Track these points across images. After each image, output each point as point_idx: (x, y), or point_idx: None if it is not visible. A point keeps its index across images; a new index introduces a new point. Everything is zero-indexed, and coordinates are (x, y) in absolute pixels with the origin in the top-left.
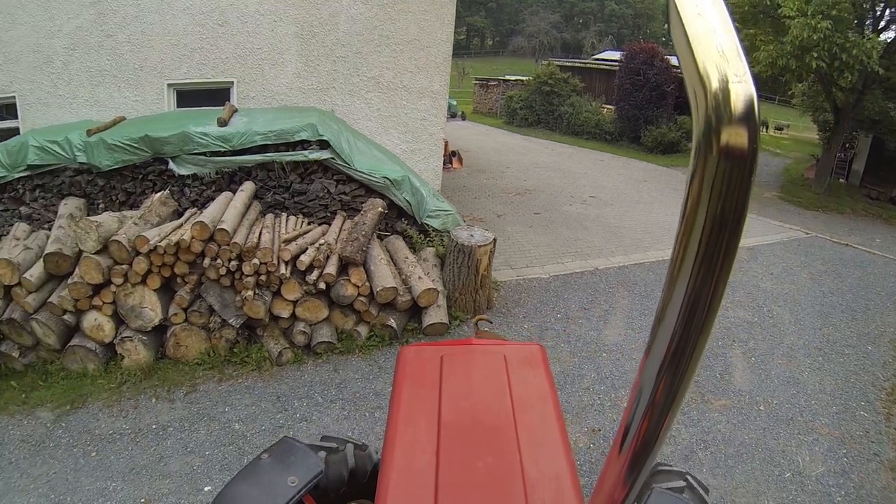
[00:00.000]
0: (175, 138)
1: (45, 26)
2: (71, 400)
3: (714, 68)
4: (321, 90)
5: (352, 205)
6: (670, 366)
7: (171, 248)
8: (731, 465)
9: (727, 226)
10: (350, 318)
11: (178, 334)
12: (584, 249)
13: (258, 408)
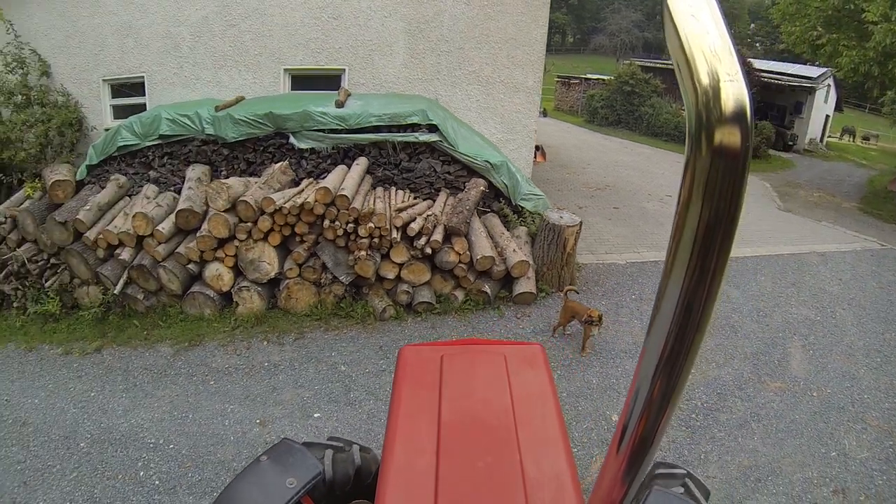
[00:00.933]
0: (297, 116)
1: (174, 16)
2: (189, 338)
3: (707, 68)
4: (426, 80)
5: (454, 183)
6: (666, 365)
7: (295, 209)
8: (780, 438)
9: (721, 225)
10: (449, 283)
11: (291, 287)
12: (659, 242)
13: (362, 354)
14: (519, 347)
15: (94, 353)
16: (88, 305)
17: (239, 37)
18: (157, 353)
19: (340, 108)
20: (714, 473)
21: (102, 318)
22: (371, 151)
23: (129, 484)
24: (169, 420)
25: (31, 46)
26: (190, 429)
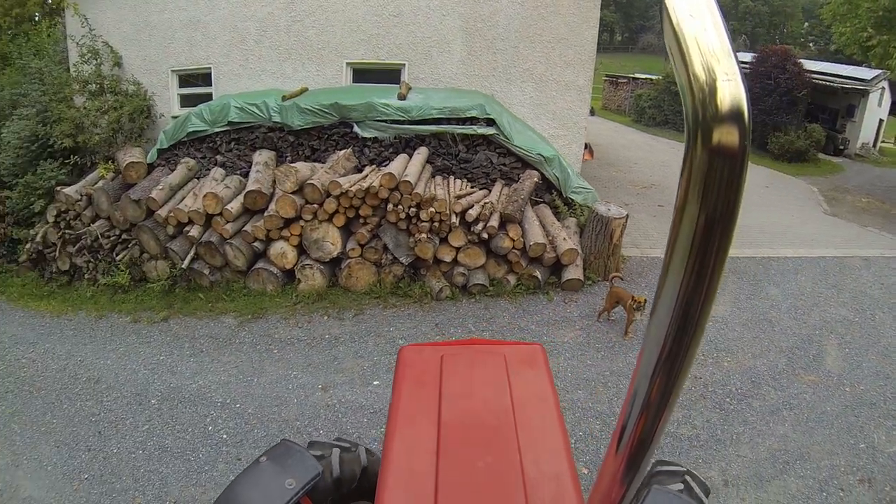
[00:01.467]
0: (361, 107)
1: (241, 11)
2: (252, 311)
3: (705, 68)
4: (482, 77)
5: (509, 175)
6: (664, 366)
7: (361, 192)
8: (811, 427)
9: (719, 224)
10: (502, 268)
11: (352, 266)
12: None
13: (419, 330)
14: (519, 347)
15: (162, 322)
16: (156, 279)
17: (303, 32)
18: (221, 323)
19: (402, 100)
20: (745, 453)
21: (169, 291)
22: (431, 142)
23: (198, 437)
24: (235, 383)
25: (104, 39)
26: (255, 391)
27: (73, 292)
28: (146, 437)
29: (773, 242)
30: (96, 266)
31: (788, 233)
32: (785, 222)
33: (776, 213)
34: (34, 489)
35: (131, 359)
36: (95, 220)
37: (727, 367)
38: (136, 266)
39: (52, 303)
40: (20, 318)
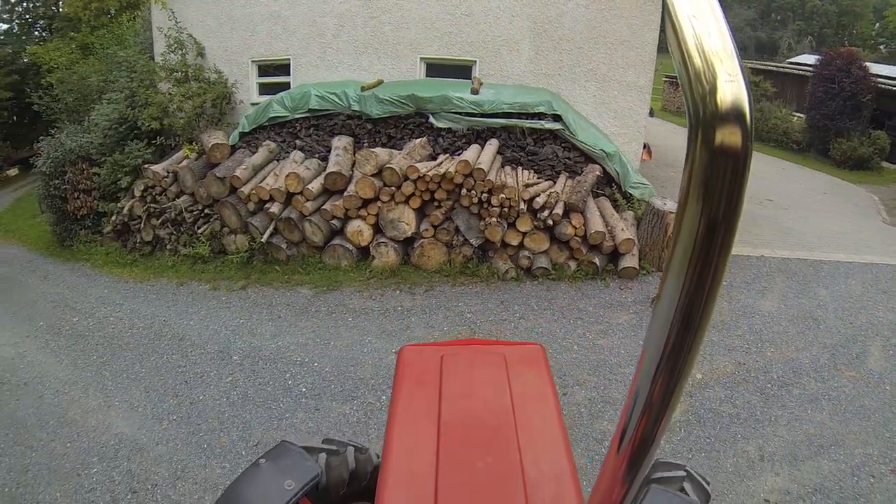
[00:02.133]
0: (437, 99)
1: (320, 7)
2: (327, 284)
3: (707, 68)
4: (548, 75)
5: (573, 168)
6: (667, 365)
7: (437, 177)
8: (847, 417)
9: (722, 225)
10: (564, 253)
11: (425, 246)
12: (753, 240)
13: (485, 306)
14: (519, 347)
15: (240, 290)
16: (234, 251)
17: (379, 28)
18: (297, 294)
19: (475, 94)
20: (781, 434)
21: (246, 263)
22: (501, 134)
23: (278, 389)
24: (312, 345)
25: (188, 31)
26: (332, 353)
27: (154, 261)
28: (229, 387)
29: (827, 246)
30: (178, 238)
31: (843, 238)
32: (840, 228)
33: (832, 220)
34: (125, 427)
35: (212, 321)
36: (180, 196)
37: (770, 356)
38: (216, 239)
39: (135, 270)
40: (105, 283)
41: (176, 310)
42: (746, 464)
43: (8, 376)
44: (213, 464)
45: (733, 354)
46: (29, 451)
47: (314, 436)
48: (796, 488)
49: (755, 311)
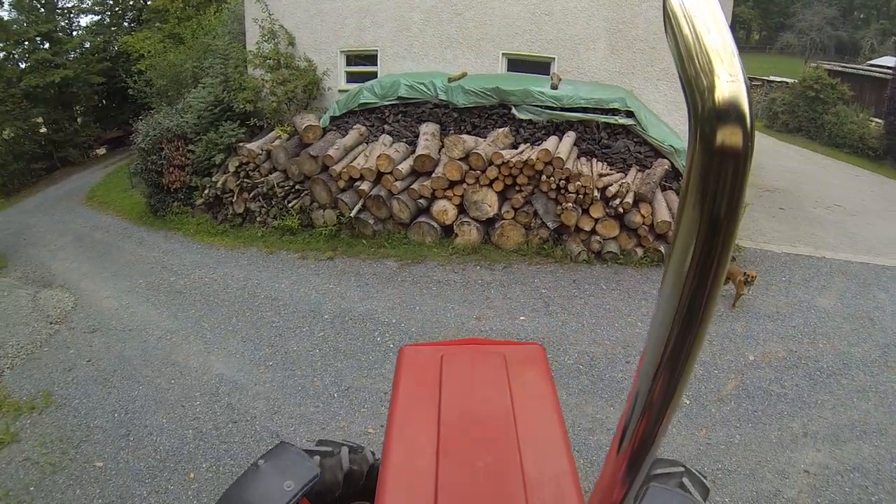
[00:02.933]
0: (519, 92)
1: (407, 3)
2: (411, 257)
3: (708, 68)
4: (622, 73)
5: (643, 161)
6: (667, 366)
7: (520, 164)
8: (893, 410)
9: (722, 225)
10: (632, 240)
11: (505, 227)
12: (816, 242)
13: (558, 283)
14: (519, 347)
15: (327, 260)
16: (323, 225)
17: (463, 24)
18: (383, 265)
19: (555, 89)
20: (826, 416)
21: (334, 236)
22: (578, 128)
23: (367, 344)
24: (399, 309)
25: (280, 23)
26: (417, 316)
27: (243, 232)
28: (321, 341)
29: (892, 253)
30: (269, 211)
31: None
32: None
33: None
34: (225, 369)
35: (302, 285)
36: (272, 173)
37: (821, 347)
38: (305, 213)
39: (226, 239)
40: (198, 249)
41: (267, 274)
42: (790, 438)
43: (114, 323)
44: (307, 403)
45: (786, 343)
46: (136, 385)
47: None
48: (836, 465)
49: (811, 306)
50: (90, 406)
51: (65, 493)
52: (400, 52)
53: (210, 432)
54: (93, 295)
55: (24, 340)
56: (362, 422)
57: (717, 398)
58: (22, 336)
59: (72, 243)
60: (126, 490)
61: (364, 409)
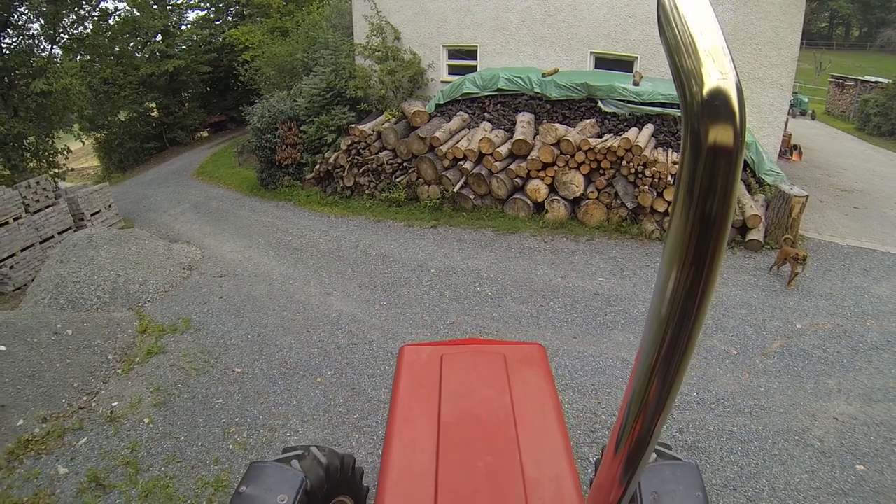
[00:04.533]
0: (605, 87)
1: (504, 4)
2: (507, 228)
3: (700, 67)
4: None
5: None
6: (661, 366)
7: (604, 150)
8: None
9: (715, 223)
10: None
11: (589, 205)
12: (884, 239)
13: (633, 255)
14: (519, 347)
15: (431, 228)
16: (427, 199)
17: (555, 24)
18: (481, 234)
19: (636, 86)
20: (862, 380)
21: (436, 209)
22: (656, 121)
23: (468, 292)
24: (496, 267)
25: (387, 19)
26: (510, 273)
27: (352, 203)
28: (428, 288)
29: None
30: (377, 185)
31: None
32: None
33: None
34: (344, 307)
35: (410, 246)
36: (381, 151)
37: (868, 325)
38: (410, 188)
39: (335, 209)
40: (309, 216)
41: (377, 237)
42: (825, 391)
43: (240, 270)
44: (417, 332)
45: (834, 318)
46: (265, 315)
47: None
48: (863, 417)
49: (866, 291)
50: (226, 330)
51: (208, 390)
52: (497, 48)
53: (333, 351)
54: (217, 249)
55: (162, 280)
56: None
57: (763, 353)
58: (160, 277)
59: (189, 210)
60: (262, 388)
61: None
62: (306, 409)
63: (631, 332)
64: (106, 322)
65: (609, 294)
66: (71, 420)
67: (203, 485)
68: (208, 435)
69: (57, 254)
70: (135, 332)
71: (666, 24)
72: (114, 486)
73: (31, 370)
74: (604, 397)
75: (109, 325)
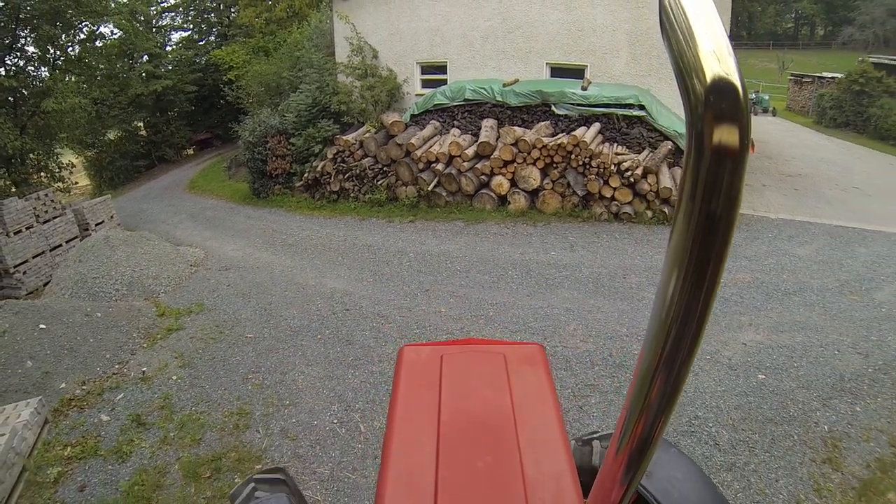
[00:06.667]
0: (557, 93)
1: (470, 24)
2: (475, 219)
3: (703, 67)
4: (641, 76)
5: (654, 144)
6: (664, 367)
7: (555, 147)
8: (834, 319)
9: (720, 223)
10: (643, 204)
11: (546, 195)
12: (816, 213)
13: (583, 234)
14: (519, 347)
15: (409, 222)
16: (405, 198)
17: (514, 40)
18: (453, 224)
19: (585, 90)
20: (772, 317)
21: (414, 206)
22: (602, 120)
23: (441, 268)
24: (465, 249)
25: (365, 40)
26: (477, 253)
27: (339, 206)
28: (407, 267)
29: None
30: (360, 188)
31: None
32: None
33: None
34: (336, 285)
35: (390, 237)
36: (364, 158)
37: (785, 278)
38: (390, 189)
39: (324, 211)
40: (300, 219)
41: (362, 232)
42: (737, 325)
43: (242, 264)
44: (398, 298)
45: (754, 273)
46: (269, 295)
47: None
48: (769, 343)
49: (788, 253)
50: (235, 308)
51: (226, 352)
52: (465, 63)
53: (329, 317)
54: (219, 249)
55: (172, 275)
56: (437, 306)
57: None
58: (171, 272)
59: (187, 219)
60: (271, 346)
61: (438, 302)
62: (310, 357)
63: (575, 290)
64: (127, 308)
65: (559, 264)
66: (108, 382)
67: (229, 414)
68: (230, 382)
69: (75, 254)
70: (154, 315)
71: (668, 25)
72: (153, 423)
73: (68, 344)
74: (549, 336)
75: (131, 310)
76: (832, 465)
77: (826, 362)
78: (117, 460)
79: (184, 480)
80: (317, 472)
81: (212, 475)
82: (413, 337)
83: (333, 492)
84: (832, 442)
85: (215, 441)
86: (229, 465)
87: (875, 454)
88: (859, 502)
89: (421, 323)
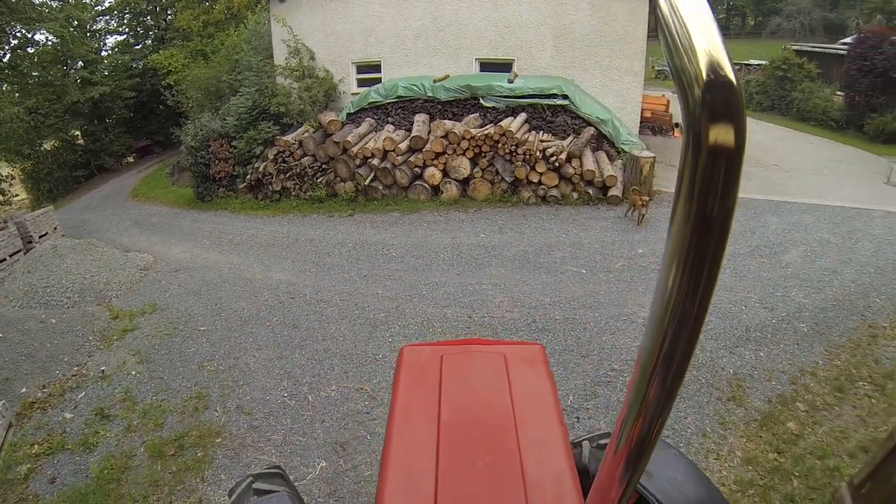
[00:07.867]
0: (485, 87)
1: (402, 23)
2: (410, 209)
3: (699, 68)
4: (566, 67)
5: (578, 131)
6: (663, 365)
7: (483, 137)
8: (741, 279)
9: (716, 223)
10: (568, 187)
11: (476, 183)
12: None
13: (512, 217)
14: (519, 347)
15: (349, 216)
16: (344, 193)
17: (444, 38)
18: (390, 216)
19: (511, 83)
20: None
21: (352, 201)
22: (528, 110)
23: (378, 255)
24: (400, 237)
25: (302, 41)
26: (411, 240)
27: (281, 205)
28: (347, 256)
29: (801, 195)
30: (301, 187)
31: (823, 191)
32: (828, 185)
33: (826, 179)
34: (282, 277)
35: (331, 231)
36: (303, 157)
37: None
38: (329, 186)
39: (267, 211)
40: (244, 219)
41: (304, 228)
42: (653, 289)
43: (191, 265)
44: (339, 284)
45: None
46: (219, 291)
47: None
48: None
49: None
50: (188, 305)
51: (181, 345)
52: (398, 61)
53: (276, 305)
54: (167, 252)
55: (123, 280)
56: (375, 289)
57: (607, 270)
58: (121, 277)
59: (132, 227)
60: (224, 336)
61: (375, 286)
62: (260, 342)
63: (502, 267)
64: (81, 314)
65: (488, 245)
66: (68, 383)
67: (188, 398)
68: (187, 371)
69: (22, 266)
70: (108, 319)
71: (663, 26)
72: (116, 415)
73: (26, 350)
74: (477, 308)
75: (85, 315)
76: (736, 402)
77: (734, 316)
78: (85, 451)
79: (150, 460)
80: (271, 438)
81: (175, 452)
82: (353, 317)
83: (287, 453)
84: (737, 383)
85: (177, 423)
86: (192, 441)
87: (777, 391)
88: (761, 431)
89: (360, 304)
